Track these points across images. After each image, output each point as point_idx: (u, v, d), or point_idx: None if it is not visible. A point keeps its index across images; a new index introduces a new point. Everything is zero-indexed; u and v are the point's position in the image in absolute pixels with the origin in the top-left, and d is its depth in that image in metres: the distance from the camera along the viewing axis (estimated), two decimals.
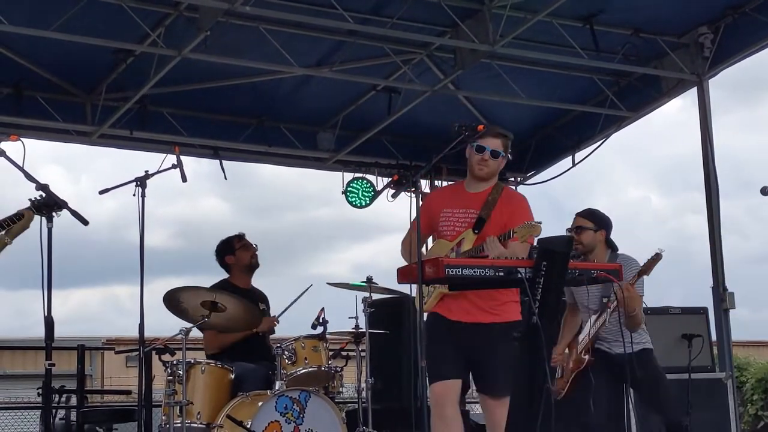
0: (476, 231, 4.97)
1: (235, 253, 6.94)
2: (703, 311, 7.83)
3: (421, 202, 4.76)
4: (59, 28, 7.31)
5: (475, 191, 5.10)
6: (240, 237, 7.02)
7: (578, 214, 6.09)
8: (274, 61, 8.19)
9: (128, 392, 8.85)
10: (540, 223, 4.82)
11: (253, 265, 6.98)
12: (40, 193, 4.53)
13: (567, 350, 6.10)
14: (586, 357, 5.93)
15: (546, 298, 4.40)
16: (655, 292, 6.91)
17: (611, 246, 6.06)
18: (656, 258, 5.84)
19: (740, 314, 8.43)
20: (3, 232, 4.58)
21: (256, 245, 7.00)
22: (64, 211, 4.61)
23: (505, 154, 5.11)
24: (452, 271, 4.27)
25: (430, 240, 5.35)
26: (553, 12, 7.80)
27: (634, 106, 9.49)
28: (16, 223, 4.54)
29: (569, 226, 6.14)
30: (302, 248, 40.96)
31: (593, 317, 5.96)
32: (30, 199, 4.54)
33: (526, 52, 8.45)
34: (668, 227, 43.46)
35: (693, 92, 8.98)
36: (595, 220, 6.03)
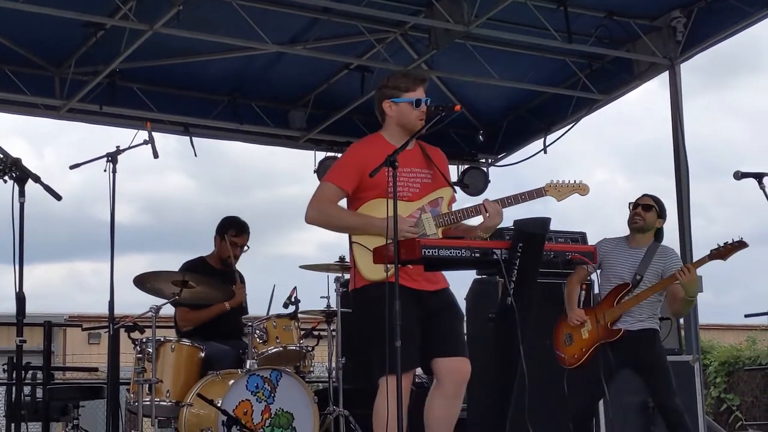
0: (455, 190, 4.84)
1: (223, 240, 6.82)
2: None
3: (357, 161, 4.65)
4: (29, 0, 7.20)
5: (408, 148, 4.65)
6: (238, 229, 6.82)
7: (648, 196, 6.25)
8: (246, 37, 8.11)
9: (95, 369, 8.78)
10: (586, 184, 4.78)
11: (226, 262, 6.82)
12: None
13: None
14: (615, 328, 6.00)
15: (521, 279, 4.41)
16: None
17: (657, 236, 6.25)
18: (739, 246, 5.88)
19: (704, 298, 8.49)
20: None
21: (248, 247, 6.86)
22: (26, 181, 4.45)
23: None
24: (428, 252, 4.25)
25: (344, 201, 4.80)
26: None
27: (606, 89, 9.52)
28: None
29: (636, 200, 6.22)
30: (271, 227, 40.88)
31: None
32: None
33: (500, 33, 8.43)
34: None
35: (662, 76, 9.02)
36: (660, 208, 6.23)
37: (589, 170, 43.67)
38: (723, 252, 5.89)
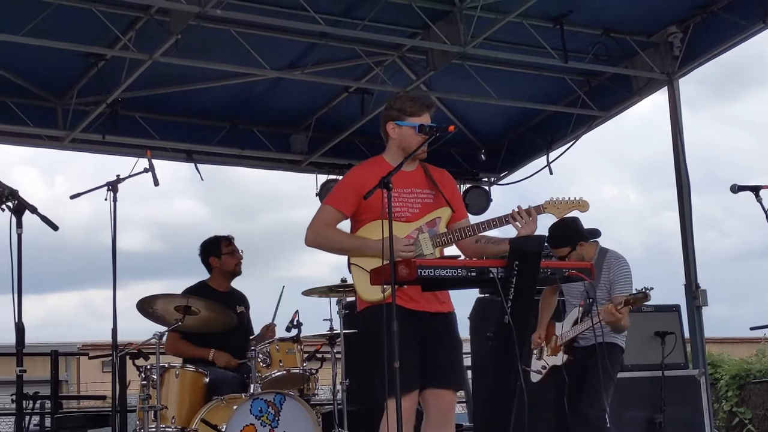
0: (453, 210, 4.79)
1: (221, 256, 6.88)
2: (675, 309, 7.88)
3: (355, 185, 4.64)
4: (30, 32, 7.27)
5: (409, 169, 4.71)
6: (229, 240, 6.93)
7: (550, 248, 6.15)
8: (245, 63, 8.18)
9: (103, 397, 8.82)
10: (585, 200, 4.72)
11: (235, 273, 6.92)
12: None
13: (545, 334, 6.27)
14: (565, 356, 6.05)
15: (518, 298, 4.42)
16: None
17: (592, 236, 6.23)
18: (644, 298, 5.91)
19: (718, 311, 8.48)
20: None
21: (242, 251, 6.94)
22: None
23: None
24: (425, 272, 4.26)
25: (347, 222, 4.83)
26: (523, 13, 7.82)
27: (606, 105, 9.55)
28: None
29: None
30: (279, 249, 40.97)
31: (572, 316, 6.09)
32: None
33: (497, 52, 8.48)
34: (645, 224, 43.67)
35: (666, 90, 9.04)
36: (565, 242, 6.11)
37: (596, 186, 43.65)
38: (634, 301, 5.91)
